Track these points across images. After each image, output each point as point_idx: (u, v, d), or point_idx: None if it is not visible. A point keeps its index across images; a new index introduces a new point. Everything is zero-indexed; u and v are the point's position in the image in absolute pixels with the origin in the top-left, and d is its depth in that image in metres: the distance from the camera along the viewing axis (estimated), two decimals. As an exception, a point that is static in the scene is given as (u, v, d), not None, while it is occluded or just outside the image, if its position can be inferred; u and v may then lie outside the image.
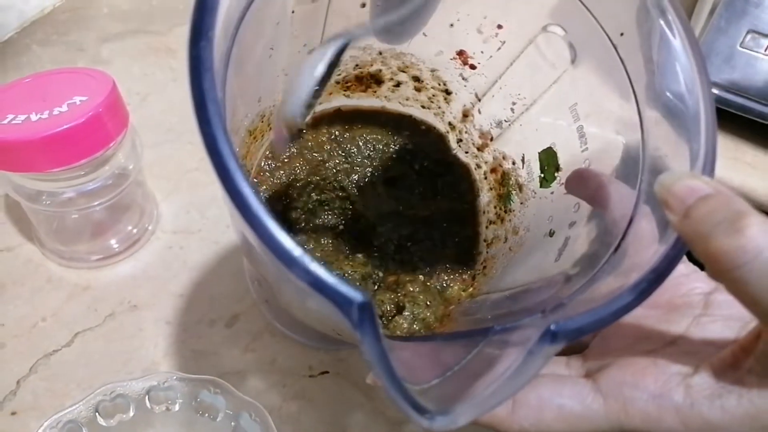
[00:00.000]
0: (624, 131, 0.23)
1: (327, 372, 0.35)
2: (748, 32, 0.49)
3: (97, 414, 0.29)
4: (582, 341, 0.24)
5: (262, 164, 0.33)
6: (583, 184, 0.26)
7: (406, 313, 0.30)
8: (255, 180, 0.32)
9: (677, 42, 0.21)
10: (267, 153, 0.33)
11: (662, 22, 0.21)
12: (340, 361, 0.36)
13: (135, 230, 0.39)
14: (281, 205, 0.33)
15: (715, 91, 0.51)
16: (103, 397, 0.29)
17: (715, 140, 0.20)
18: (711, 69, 0.51)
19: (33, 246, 0.38)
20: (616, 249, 0.21)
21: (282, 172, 0.33)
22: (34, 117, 0.32)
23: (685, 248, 0.18)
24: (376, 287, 0.32)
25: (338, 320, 0.15)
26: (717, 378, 0.19)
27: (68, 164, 0.32)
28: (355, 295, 0.15)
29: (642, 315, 0.23)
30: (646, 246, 0.20)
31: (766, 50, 0.49)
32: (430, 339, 0.29)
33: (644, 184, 0.22)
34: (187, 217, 0.41)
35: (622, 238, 0.21)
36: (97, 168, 0.34)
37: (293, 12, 0.26)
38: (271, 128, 0.32)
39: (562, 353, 0.23)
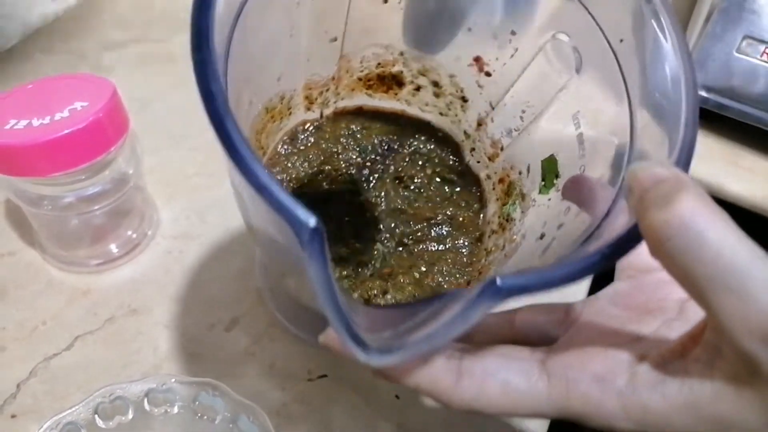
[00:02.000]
0: (616, 135, 0.24)
1: (326, 375, 0.35)
2: (744, 38, 0.49)
3: (96, 416, 0.29)
4: (551, 336, 0.24)
5: (279, 148, 0.34)
6: (577, 189, 0.27)
7: (389, 296, 0.31)
8: (269, 161, 0.33)
9: (668, 43, 0.21)
10: (284, 138, 0.34)
11: (655, 25, 0.22)
12: (339, 365, 0.36)
13: (135, 235, 0.39)
14: (290, 188, 0.33)
15: (712, 96, 0.51)
16: (102, 399, 0.29)
17: (694, 131, 0.20)
18: (707, 75, 0.51)
19: (34, 250, 0.39)
20: (587, 239, 0.21)
21: (296, 158, 0.34)
22: (35, 122, 0.32)
23: None
24: (369, 274, 0.32)
25: (296, 253, 0.16)
26: (663, 366, 0.19)
27: (69, 168, 0.32)
28: (309, 218, 0.16)
29: (614, 314, 0.23)
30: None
31: (762, 56, 0.49)
32: (394, 307, 0.30)
33: (625, 182, 0.22)
34: (187, 222, 0.41)
35: (596, 229, 0.21)
36: (97, 173, 0.35)
37: None
38: (291, 112, 0.33)
39: (531, 345, 0.23)
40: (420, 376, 0.21)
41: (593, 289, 0.33)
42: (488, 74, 0.31)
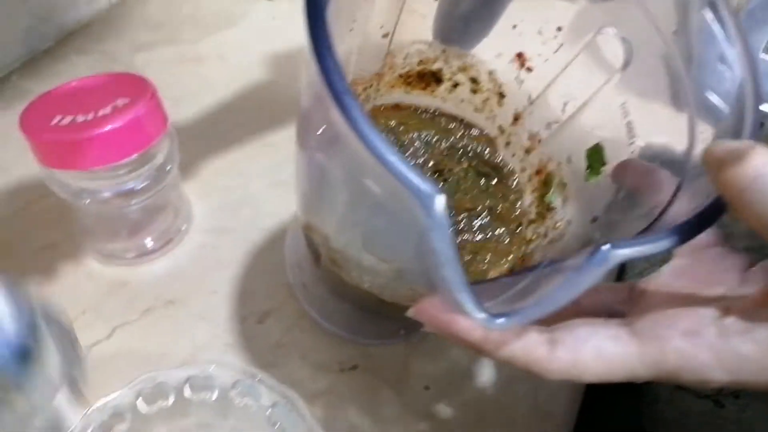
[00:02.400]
0: (671, 126, 0.24)
1: (356, 367, 0.36)
2: None
3: (139, 400, 0.30)
4: (618, 313, 0.25)
5: None
6: (631, 173, 0.27)
7: None
8: None
9: (723, 32, 0.21)
10: None
11: (710, 14, 0.22)
12: (370, 357, 0.37)
13: (170, 229, 0.41)
14: None
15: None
16: (145, 385, 0.30)
17: (758, 112, 0.20)
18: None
19: (73, 242, 0.40)
20: (654, 222, 0.22)
21: None
22: (80, 118, 0.33)
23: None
24: None
25: (405, 224, 0.16)
26: (748, 316, 0.20)
27: (111, 162, 0.33)
28: (431, 186, 0.16)
29: (680, 285, 0.24)
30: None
31: (785, 57, 0.49)
32: (485, 282, 0.31)
33: (689, 172, 0.22)
34: (220, 217, 0.42)
35: (661, 214, 0.22)
36: (136, 168, 0.36)
37: None
38: None
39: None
40: (515, 347, 0.21)
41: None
42: (529, 70, 0.32)
